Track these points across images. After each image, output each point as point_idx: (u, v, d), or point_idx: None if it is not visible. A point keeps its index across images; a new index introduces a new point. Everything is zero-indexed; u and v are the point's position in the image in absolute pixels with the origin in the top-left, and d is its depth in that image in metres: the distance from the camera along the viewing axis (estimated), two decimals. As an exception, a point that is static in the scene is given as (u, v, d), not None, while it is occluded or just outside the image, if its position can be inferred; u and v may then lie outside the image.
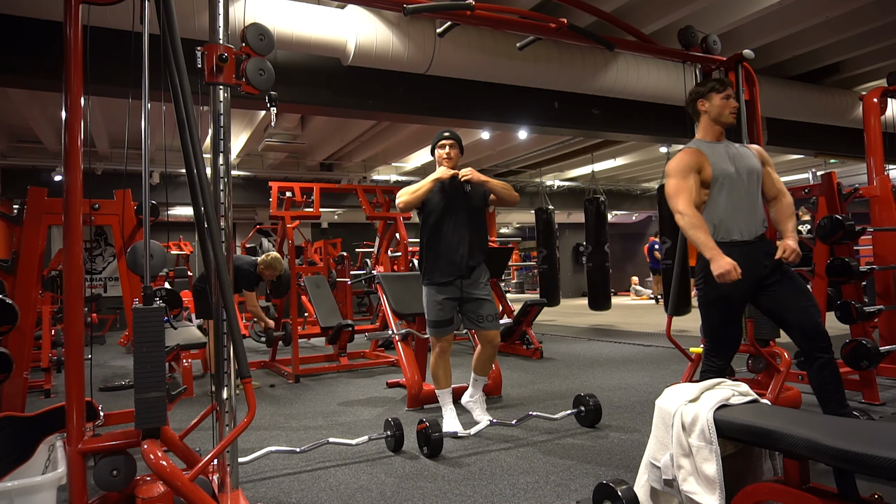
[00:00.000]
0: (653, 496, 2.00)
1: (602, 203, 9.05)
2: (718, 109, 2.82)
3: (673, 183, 2.72)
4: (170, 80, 2.15)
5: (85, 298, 2.12)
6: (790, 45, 6.49)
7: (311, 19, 4.60)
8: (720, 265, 2.50)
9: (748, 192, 2.75)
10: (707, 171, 2.73)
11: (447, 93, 6.09)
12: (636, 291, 16.05)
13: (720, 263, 2.51)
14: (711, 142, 2.84)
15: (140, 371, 1.91)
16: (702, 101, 2.86)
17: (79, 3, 2.07)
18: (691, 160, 2.74)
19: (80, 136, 2.06)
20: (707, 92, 2.85)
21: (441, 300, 3.46)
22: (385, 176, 12.08)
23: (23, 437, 2.31)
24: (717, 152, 2.77)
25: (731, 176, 2.72)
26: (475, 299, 3.49)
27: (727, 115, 2.82)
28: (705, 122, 2.87)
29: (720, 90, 2.82)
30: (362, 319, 10.47)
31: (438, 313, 3.47)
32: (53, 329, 5.98)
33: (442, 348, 3.55)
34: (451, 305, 3.49)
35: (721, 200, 2.72)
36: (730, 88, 2.86)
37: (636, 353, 6.42)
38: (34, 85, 5.05)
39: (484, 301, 3.50)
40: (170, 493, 2.08)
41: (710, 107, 2.83)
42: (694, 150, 2.78)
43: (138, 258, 2.16)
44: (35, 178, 9.78)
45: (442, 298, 3.46)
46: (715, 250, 2.55)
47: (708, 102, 2.84)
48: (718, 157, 2.75)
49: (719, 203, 2.72)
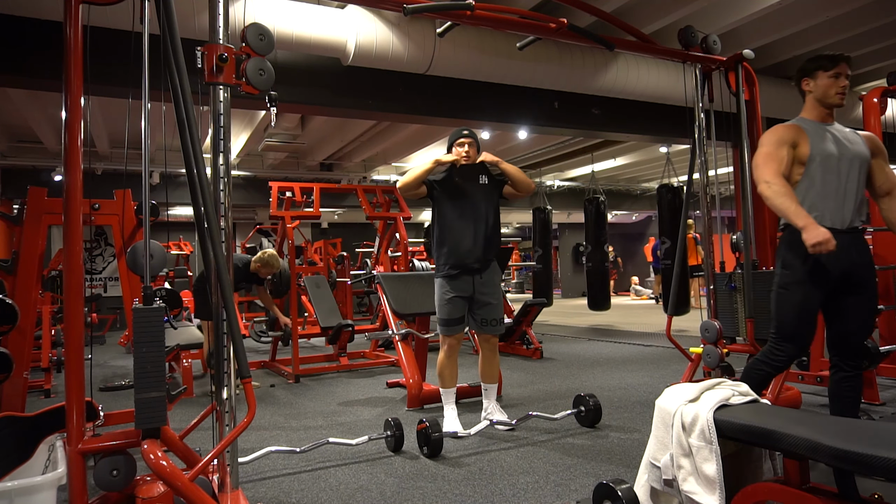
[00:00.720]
0: (653, 496, 2.00)
1: (602, 203, 9.05)
2: (824, 90, 2.56)
3: (763, 151, 2.50)
4: (170, 80, 2.15)
5: (85, 298, 2.12)
6: (790, 45, 6.50)
7: (311, 19, 4.60)
8: (815, 234, 2.22)
9: (847, 179, 2.50)
10: (804, 148, 2.51)
11: (447, 93, 6.09)
12: (636, 291, 16.05)
13: (815, 232, 2.23)
14: (815, 121, 2.61)
15: (140, 371, 1.91)
16: (806, 79, 2.62)
17: (79, 3, 2.07)
18: (788, 133, 2.53)
19: (80, 136, 2.06)
20: (813, 70, 2.58)
21: (452, 297, 3.45)
22: (385, 176, 12.08)
23: (23, 437, 2.31)
24: (820, 132, 2.55)
25: (830, 158, 2.49)
26: (486, 303, 3.50)
27: (833, 95, 2.55)
28: (810, 102, 2.62)
29: (828, 68, 2.55)
30: (362, 319, 10.47)
31: (450, 311, 3.46)
32: (53, 329, 5.98)
33: (450, 346, 3.55)
34: (462, 304, 3.48)
35: (815, 182, 2.49)
36: (842, 65, 2.55)
37: (636, 353, 6.42)
38: (34, 85, 5.05)
39: (495, 305, 3.52)
40: (170, 493, 2.08)
41: (814, 86, 2.59)
42: (793, 125, 2.56)
43: (138, 258, 2.15)
44: (35, 178, 9.78)
45: (453, 296, 3.45)
46: (808, 219, 2.29)
47: (813, 81, 2.59)
48: (819, 137, 2.53)
49: (812, 184, 2.49)
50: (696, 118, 3.80)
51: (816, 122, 2.61)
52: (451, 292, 3.45)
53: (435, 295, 3.54)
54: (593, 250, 9.01)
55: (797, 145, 2.52)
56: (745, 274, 3.47)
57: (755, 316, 3.46)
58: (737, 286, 3.53)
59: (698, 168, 3.80)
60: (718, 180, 3.75)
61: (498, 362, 3.69)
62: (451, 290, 3.45)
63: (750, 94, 3.73)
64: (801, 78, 2.65)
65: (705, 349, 3.52)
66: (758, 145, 2.58)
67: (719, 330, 3.50)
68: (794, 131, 2.55)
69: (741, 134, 3.67)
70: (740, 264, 3.59)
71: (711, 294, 3.71)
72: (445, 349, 3.56)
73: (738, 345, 3.57)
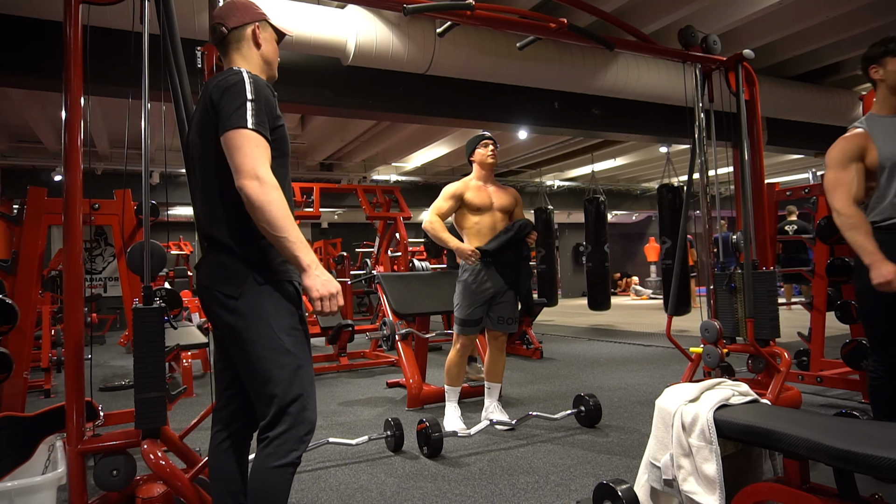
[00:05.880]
0: (653, 496, 2.00)
1: (602, 203, 9.05)
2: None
3: (831, 177, 2.33)
4: (170, 80, 2.16)
5: (85, 298, 2.12)
6: (790, 45, 6.49)
7: (311, 19, 4.60)
8: (880, 273, 2.16)
9: None
10: (872, 155, 2.31)
11: (447, 93, 6.09)
12: (636, 291, 16.05)
13: (881, 271, 2.16)
14: (887, 115, 2.39)
15: (140, 371, 1.91)
16: (874, 67, 2.40)
17: (79, 3, 2.07)
18: (852, 147, 2.34)
19: (80, 136, 2.06)
20: (880, 56, 2.37)
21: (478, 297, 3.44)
22: (385, 176, 12.08)
23: (23, 437, 2.31)
24: (890, 130, 2.34)
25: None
26: (504, 301, 3.51)
27: None
28: (882, 92, 2.40)
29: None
30: (362, 319, 10.47)
31: (471, 313, 3.47)
32: (53, 329, 5.98)
33: (464, 345, 3.57)
34: (484, 307, 3.48)
35: (891, 190, 2.30)
36: None
37: (636, 353, 6.42)
38: (34, 85, 5.05)
39: (511, 303, 3.54)
40: (170, 493, 2.08)
41: (885, 73, 2.36)
42: (857, 134, 2.36)
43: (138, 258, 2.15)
44: (35, 178, 9.79)
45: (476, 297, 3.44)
46: (876, 255, 2.19)
47: (882, 69, 2.37)
48: (890, 137, 2.32)
49: (889, 193, 2.30)
50: (696, 118, 3.80)
51: (888, 116, 2.39)
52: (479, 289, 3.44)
53: (457, 294, 3.53)
54: (593, 250, 9.01)
55: (865, 155, 2.33)
56: (746, 274, 3.47)
57: (755, 316, 3.45)
58: (737, 286, 3.53)
59: (698, 168, 3.80)
60: (718, 180, 3.75)
61: (504, 362, 3.70)
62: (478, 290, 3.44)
63: (750, 94, 3.73)
64: (869, 66, 2.43)
65: (705, 349, 3.52)
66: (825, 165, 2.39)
67: (719, 330, 3.49)
68: (859, 140, 2.35)
69: (741, 134, 3.67)
70: (740, 264, 3.59)
71: (711, 294, 3.71)
72: (458, 348, 3.58)
73: (738, 345, 3.56)
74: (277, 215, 1.50)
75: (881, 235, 2.27)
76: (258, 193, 1.49)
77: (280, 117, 1.68)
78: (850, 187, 2.30)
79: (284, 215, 1.51)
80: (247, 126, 1.53)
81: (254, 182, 1.49)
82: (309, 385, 1.65)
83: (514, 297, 3.56)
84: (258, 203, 1.49)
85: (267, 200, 1.49)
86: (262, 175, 1.51)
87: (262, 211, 1.49)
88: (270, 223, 1.50)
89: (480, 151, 3.57)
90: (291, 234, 1.51)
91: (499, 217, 3.52)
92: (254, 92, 1.57)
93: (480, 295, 3.45)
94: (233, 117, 1.54)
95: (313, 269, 1.53)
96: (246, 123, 1.53)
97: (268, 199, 1.50)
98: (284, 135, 1.71)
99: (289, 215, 1.53)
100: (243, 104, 1.55)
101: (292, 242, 1.51)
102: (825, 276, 3.94)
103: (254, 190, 1.49)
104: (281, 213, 1.50)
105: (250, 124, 1.53)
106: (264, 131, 1.57)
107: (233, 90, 1.57)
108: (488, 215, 3.50)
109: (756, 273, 3.48)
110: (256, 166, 1.51)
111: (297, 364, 1.63)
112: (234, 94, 1.56)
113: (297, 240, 1.51)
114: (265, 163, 1.54)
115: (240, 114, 1.54)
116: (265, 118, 1.58)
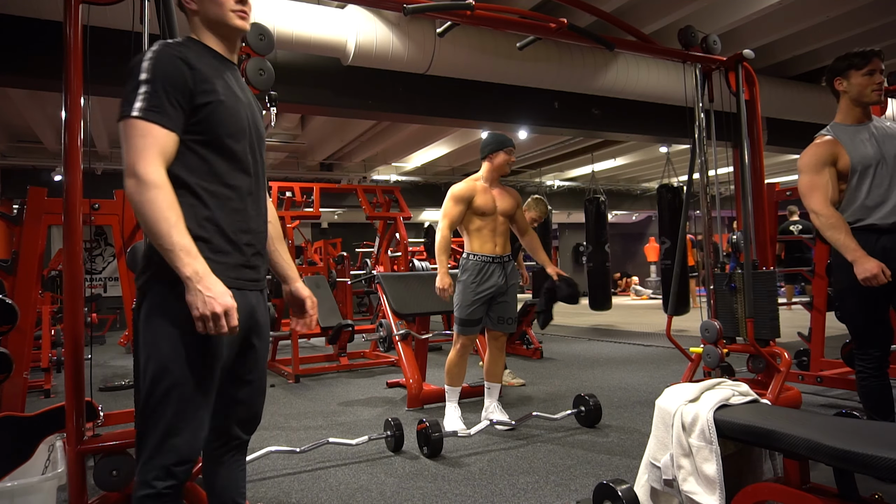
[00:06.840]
0: (653, 496, 2.00)
1: (602, 203, 9.05)
2: (859, 89, 2.48)
3: (805, 180, 2.45)
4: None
5: (85, 298, 2.12)
6: (790, 45, 6.50)
7: (311, 19, 4.60)
8: (865, 268, 2.24)
9: (893, 176, 2.41)
10: (844, 160, 2.43)
11: (447, 93, 6.10)
12: (636, 291, 16.05)
13: (865, 266, 2.25)
14: (851, 125, 2.53)
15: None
16: (839, 79, 2.53)
17: (79, 3, 2.07)
18: (823, 152, 2.46)
19: (80, 136, 2.06)
20: (844, 69, 2.51)
21: (478, 297, 3.45)
22: (385, 176, 12.08)
23: (23, 437, 2.31)
24: (857, 137, 2.47)
25: (872, 163, 2.42)
26: (504, 301, 3.53)
27: (870, 93, 2.47)
28: (844, 103, 2.54)
29: (860, 66, 2.47)
30: (362, 319, 10.47)
31: (472, 312, 3.47)
32: (53, 329, 5.98)
33: (464, 346, 3.58)
34: (484, 306, 3.49)
35: (861, 192, 2.42)
36: (875, 61, 2.46)
37: (636, 353, 6.42)
38: (34, 85, 5.05)
39: (511, 303, 3.56)
40: (170, 493, 2.07)
41: (848, 86, 2.51)
42: (826, 141, 2.49)
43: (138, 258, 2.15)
44: (35, 178, 9.79)
45: (480, 295, 3.45)
46: (858, 251, 2.29)
47: (846, 81, 2.51)
48: (857, 143, 2.45)
49: (859, 195, 2.43)
50: (696, 118, 3.80)
51: (851, 125, 2.54)
52: (478, 293, 3.45)
53: (458, 294, 3.54)
54: (594, 250, 9.01)
55: (837, 160, 2.45)
56: (746, 274, 3.47)
57: (755, 316, 3.45)
58: (737, 286, 3.53)
59: (698, 168, 3.79)
60: (718, 180, 3.75)
61: (504, 362, 3.70)
62: (477, 288, 3.45)
63: (750, 94, 3.73)
64: (833, 78, 2.56)
65: (705, 349, 3.52)
66: (799, 171, 2.49)
67: (719, 330, 3.49)
68: (830, 147, 2.47)
69: (741, 134, 3.66)
70: (740, 264, 3.59)
71: (711, 294, 3.71)
72: (458, 348, 3.59)
73: (738, 345, 3.56)
74: (152, 218, 1.27)
75: (853, 236, 2.36)
76: (132, 193, 1.29)
77: (210, 92, 1.41)
78: (826, 189, 2.43)
79: (162, 218, 1.27)
80: (130, 114, 1.32)
81: (130, 180, 1.30)
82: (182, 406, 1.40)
83: (514, 297, 3.57)
84: (133, 204, 1.29)
85: (140, 201, 1.28)
86: (140, 171, 1.29)
87: (137, 213, 1.29)
88: (145, 227, 1.29)
89: (504, 157, 3.58)
90: (167, 241, 1.27)
91: (500, 221, 3.56)
92: (151, 70, 1.35)
93: (480, 295, 3.45)
94: (122, 106, 1.35)
95: (194, 282, 1.28)
96: (130, 111, 1.32)
97: (141, 200, 1.28)
98: (217, 112, 1.43)
99: (170, 217, 1.28)
100: (135, 88, 1.34)
101: (167, 250, 1.28)
102: (825, 277, 3.95)
103: (129, 189, 1.29)
104: (157, 216, 1.27)
105: (135, 111, 1.32)
106: (158, 117, 1.33)
107: (129, 74, 1.37)
108: (490, 220, 3.53)
109: (756, 273, 3.48)
110: (136, 161, 1.30)
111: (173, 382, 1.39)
112: (128, 78, 1.37)
113: (174, 247, 1.28)
114: (148, 156, 1.31)
115: (128, 100, 1.34)
116: (165, 100, 1.34)
